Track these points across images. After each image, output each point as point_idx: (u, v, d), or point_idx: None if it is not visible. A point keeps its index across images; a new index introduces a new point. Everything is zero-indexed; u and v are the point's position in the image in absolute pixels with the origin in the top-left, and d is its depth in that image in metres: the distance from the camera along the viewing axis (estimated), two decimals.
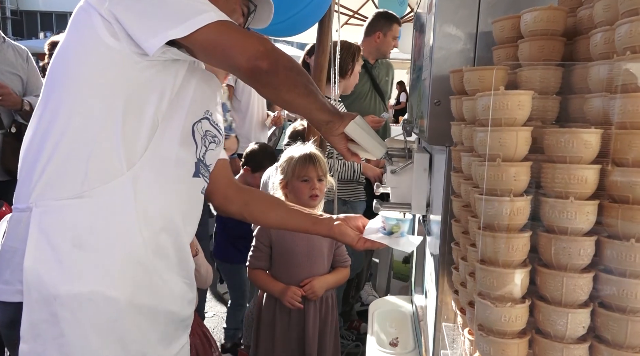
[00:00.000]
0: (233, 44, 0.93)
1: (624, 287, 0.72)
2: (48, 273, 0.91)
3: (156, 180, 1.00)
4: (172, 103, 1.00)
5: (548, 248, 0.77)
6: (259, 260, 2.00)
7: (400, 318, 1.85)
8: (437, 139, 1.19)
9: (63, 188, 0.95)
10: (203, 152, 1.09)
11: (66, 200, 0.94)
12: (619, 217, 0.73)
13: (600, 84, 0.78)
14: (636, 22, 0.70)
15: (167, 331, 1.05)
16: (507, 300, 0.79)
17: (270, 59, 0.94)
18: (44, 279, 0.91)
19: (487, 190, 0.80)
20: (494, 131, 0.79)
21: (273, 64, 0.94)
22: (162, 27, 0.91)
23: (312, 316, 1.93)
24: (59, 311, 0.91)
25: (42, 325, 0.91)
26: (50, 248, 0.92)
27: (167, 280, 1.03)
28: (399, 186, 1.42)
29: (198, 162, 1.08)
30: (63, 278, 0.91)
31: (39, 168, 0.96)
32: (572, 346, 0.77)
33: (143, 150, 0.97)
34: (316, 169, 1.90)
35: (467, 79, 0.96)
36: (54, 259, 0.92)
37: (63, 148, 0.95)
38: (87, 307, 0.92)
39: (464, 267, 0.97)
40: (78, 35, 0.98)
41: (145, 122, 0.97)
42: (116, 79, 0.95)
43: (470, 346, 0.90)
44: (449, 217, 1.14)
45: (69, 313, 0.91)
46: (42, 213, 0.94)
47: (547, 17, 0.90)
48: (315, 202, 1.93)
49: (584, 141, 0.73)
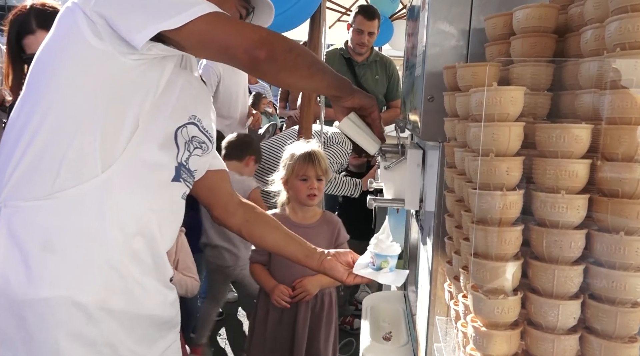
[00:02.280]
0: (228, 36, 0.92)
1: (613, 279, 0.74)
2: (16, 277, 0.89)
3: (131, 183, 0.97)
4: (154, 106, 0.97)
5: (540, 241, 0.79)
6: (258, 254, 2.01)
7: (394, 312, 1.87)
8: (430, 135, 1.20)
9: (33, 188, 0.92)
10: (186, 157, 1.06)
11: (36, 201, 0.91)
12: (609, 211, 0.75)
13: (590, 80, 0.79)
14: (626, 20, 0.71)
15: (148, 333, 1.03)
16: (500, 293, 0.81)
17: (267, 47, 0.93)
18: (11, 283, 0.89)
19: (480, 184, 0.81)
20: (487, 126, 0.80)
21: (270, 50, 0.93)
22: (153, 19, 0.89)
23: (303, 314, 1.93)
24: (27, 315, 0.89)
25: (10, 330, 0.89)
26: (19, 251, 0.89)
27: (143, 284, 1.00)
28: (392, 182, 1.44)
29: (179, 166, 1.05)
30: (31, 283, 0.89)
31: (10, 166, 0.93)
32: (563, 337, 0.78)
33: (120, 152, 0.95)
34: (315, 168, 1.89)
35: (460, 75, 0.97)
36: (22, 262, 0.89)
37: (36, 146, 0.93)
38: (55, 312, 0.89)
39: (457, 261, 0.99)
40: (62, 34, 0.96)
41: (126, 124, 0.95)
42: (98, 79, 0.93)
43: (463, 339, 0.92)
44: (442, 211, 1.16)
45: (37, 318, 0.89)
46: (11, 215, 0.91)
47: (538, 15, 0.91)
48: (312, 201, 1.94)
49: (575, 136, 0.75)
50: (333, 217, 2.06)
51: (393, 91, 3.50)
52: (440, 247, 1.17)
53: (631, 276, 0.73)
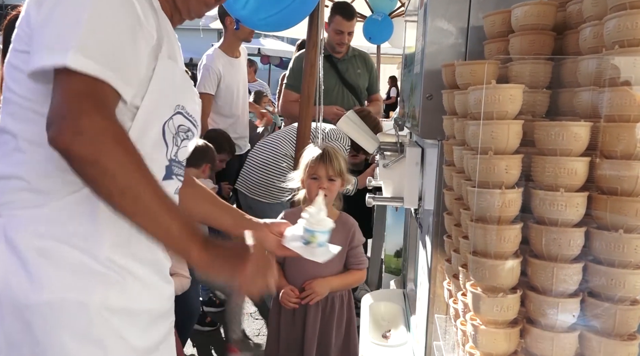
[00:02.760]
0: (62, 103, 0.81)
1: (612, 277, 0.74)
2: (18, 283, 0.89)
3: None
4: (142, 108, 0.93)
5: (539, 239, 0.79)
6: None
7: (393, 311, 1.87)
8: (429, 133, 1.20)
9: (29, 196, 0.92)
10: (175, 151, 1.04)
11: (31, 209, 0.91)
12: (608, 209, 0.75)
13: (589, 77, 0.79)
14: (624, 17, 0.71)
15: (146, 327, 1.05)
16: (499, 291, 0.81)
17: (85, 139, 0.78)
18: (14, 289, 0.89)
19: (479, 182, 0.81)
20: (486, 124, 0.80)
21: (86, 145, 0.78)
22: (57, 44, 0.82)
23: (313, 316, 1.92)
24: (32, 319, 0.89)
25: (17, 335, 0.90)
26: (17, 258, 0.90)
27: (141, 280, 1.02)
28: (391, 180, 1.44)
29: (170, 164, 1.03)
30: (32, 287, 0.89)
31: (4, 177, 0.93)
32: (562, 335, 0.78)
33: None
34: (326, 168, 1.87)
35: (458, 73, 0.97)
36: (22, 269, 0.89)
37: (28, 156, 0.91)
38: (59, 314, 0.90)
39: (456, 259, 0.98)
40: None
41: None
42: None
43: (463, 337, 0.92)
44: (441, 209, 1.16)
45: (42, 321, 0.90)
46: (7, 223, 0.92)
47: (537, 12, 0.91)
48: None
49: (574, 134, 0.75)
50: (349, 218, 2.04)
51: (374, 84, 3.54)
52: (440, 245, 1.17)
53: (630, 273, 0.73)
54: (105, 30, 0.85)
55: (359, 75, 3.39)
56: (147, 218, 0.84)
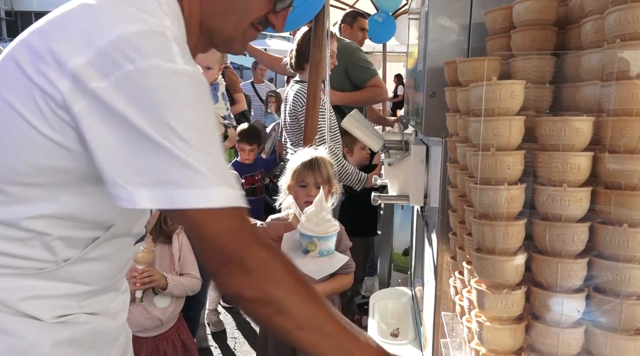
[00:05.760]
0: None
1: (617, 272, 0.74)
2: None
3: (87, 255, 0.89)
4: None
5: (543, 235, 0.79)
6: None
7: (401, 309, 1.87)
8: (433, 131, 1.20)
9: None
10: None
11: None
12: (612, 203, 0.74)
13: (591, 72, 0.79)
14: (625, 10, 0.71)
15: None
16: (503, 287, 0.81)
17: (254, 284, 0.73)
18: None
19: (482, 179, 0.81)
20: (488, 121, 0.80)
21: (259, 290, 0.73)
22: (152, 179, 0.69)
23: None
24: (9, 328, 0.84)
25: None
26: None
27: None
28: (396, 178, 1.44)
29: (147, 226, 1.01)
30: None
31: None
32: (567, 330, 0.78)
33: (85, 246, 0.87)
34: (314, 175, 1.86)
35: (460, 70, 0.97)
36: None
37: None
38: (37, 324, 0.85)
39: (461, 256, 0.99)
40: None
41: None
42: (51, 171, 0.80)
43: (469, 334, 0.92)
44: (446, 207, 1.16)
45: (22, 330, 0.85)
46: None
47: (538, 7, 0.91)
48: None
49: (576, 129, 0.74)
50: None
51: (357, 74, 3.17)
52: (445, 242, 1.17)
53: (635, 268, 0.73)
54: (214, 142, 0.73)
55: (340, 81, 3.12)
56: (331, 347, 0.77)
